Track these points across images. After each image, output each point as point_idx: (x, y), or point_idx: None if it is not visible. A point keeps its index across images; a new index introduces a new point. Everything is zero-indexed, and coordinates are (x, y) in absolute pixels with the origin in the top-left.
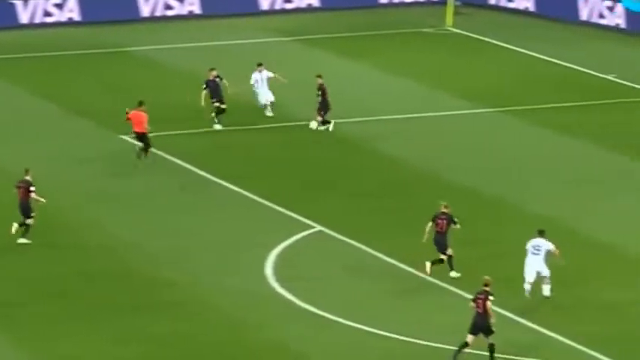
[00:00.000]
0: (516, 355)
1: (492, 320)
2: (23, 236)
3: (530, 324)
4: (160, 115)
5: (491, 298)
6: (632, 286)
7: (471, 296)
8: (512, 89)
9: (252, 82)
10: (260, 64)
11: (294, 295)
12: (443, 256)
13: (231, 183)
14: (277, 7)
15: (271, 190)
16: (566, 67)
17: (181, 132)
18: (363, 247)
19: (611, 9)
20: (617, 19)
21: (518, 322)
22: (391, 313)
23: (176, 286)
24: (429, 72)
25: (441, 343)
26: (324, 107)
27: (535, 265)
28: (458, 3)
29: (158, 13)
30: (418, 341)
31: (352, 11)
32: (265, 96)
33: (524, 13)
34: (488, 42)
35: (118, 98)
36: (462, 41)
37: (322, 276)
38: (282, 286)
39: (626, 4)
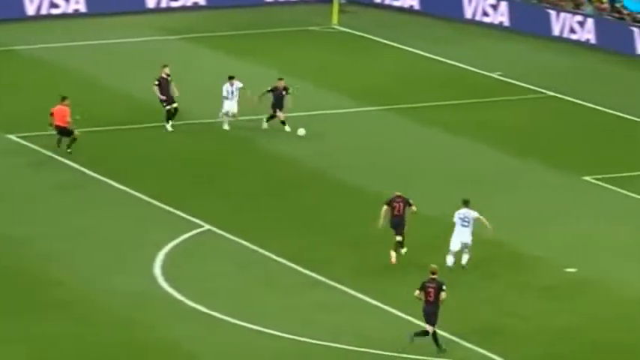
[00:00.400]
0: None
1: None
2: None
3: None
4: (47, 115)
5: (444, 288)
6: (521, 283)
7: (361, 295)
8: (397, 87)
9: (223, 93)
10: (232, 77)
11: (184, 294)
12: (400, 238)
13: (118, 182)
14: (163, 5)
15: (159, 190)
16: (451, 65)
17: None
18: (252, 246)
19: (494, 7)
20: (500, 17)
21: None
22: (280, 312)
23: (63, 286)
24: (315, 70)
25: (329, 342)
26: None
27: (463, 236)
28: (343, 1)
29: (44, 12)
30: (307, 340)
31: (238, 10)
32: (231, 108)
33: (410, 11)
34: (374, 40)
35: (4, 97)
36: (348, 39)
37: (212, 275)
38: (172, 285)
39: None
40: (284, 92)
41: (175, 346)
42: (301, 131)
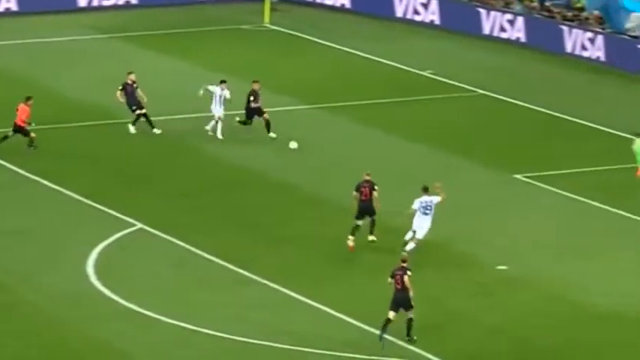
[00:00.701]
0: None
1: (411, 294)
2: None
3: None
4: None
5: (409, 273)
6: (454, 280)
7: (293, 293)
8: (329, 86)
9: (211, 89)
10: (223, 81)
11: (117, 293)
12: (360, 222)
13: (50, 181)
14: (95, 4)
15: (92, 189)
16: (383, 63)
17: None
18: (185, 245)
19: (425, 5)
20: (431, 15)
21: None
22: (213, 311)
23: None
24: (248, 69)
25: (261, 340)
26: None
27: (423, 224)
28: (275, 0)
29: None
30: (240, 338)
31: (171, 8)
32: (219, 113)
33: (341, 9)
34: (306, 38)
35: None
36: (280, 38)
37: (144, 274)
38: (104, 284)
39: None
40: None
41: (108, 345)
42: (293, 144)
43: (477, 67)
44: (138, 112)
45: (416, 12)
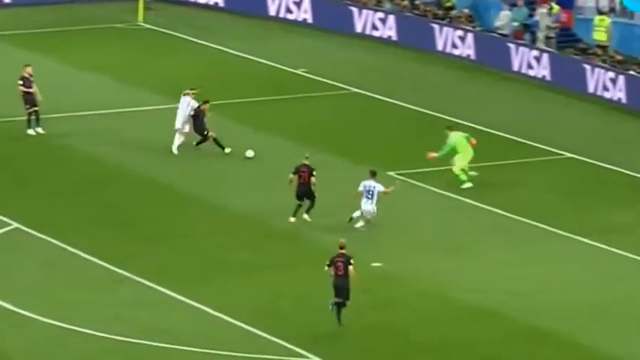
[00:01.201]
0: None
1: (351, 285)
2: None
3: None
4: None
5: (352, 262)
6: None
7: (169, 291)
8: (205, 84)
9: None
10: (192, 89)
11: None
12: (300, 203)
13: None
14: None
15: None
16: (257, 62)
17: None
18: (60, 244)
19: (298, 4)
20: (304, 13)
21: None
22: (89, 310)
23: None
24: (122, 67)
25: (139, 339)
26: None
27: (365, 207)
28: None
29: None
30: (116, 337)
31: (44, 7)
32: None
33: (214, 8)
34: (180, 37)
35: None
36: (154, 37)
37: (19, 273)
38: None
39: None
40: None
41: None
42: (249, 153)
43: (349, 65)
44: (30, 110)
45: (289, 10)
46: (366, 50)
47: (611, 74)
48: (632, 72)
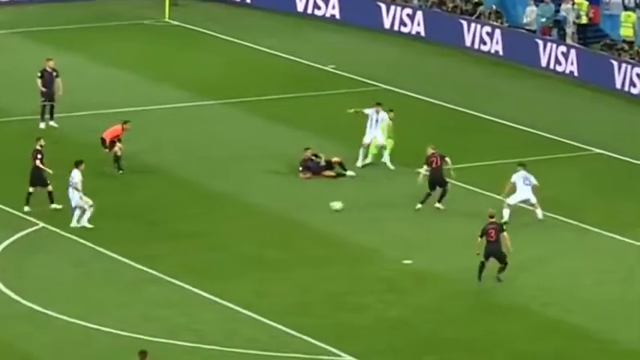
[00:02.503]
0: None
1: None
2: None
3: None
4: None
5: (505, 227)
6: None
7: (198, 290)
8: (233, 81)
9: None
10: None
11: (18, 293)
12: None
13: None
14: None
15: None
16: (285, 58)
17: None
18: (87, 243)
19: (326, 0)
20: (332, 10)
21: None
22: (117, 309)
23: None
24: (150, 64)
25: (167, 339)
26: None
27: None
28: None
29: None
30: (145, 337)
31: (72, 4)
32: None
33: (242, 4)
34: (207, 33)
35: None
36: (181, 33)
37: (46, 273)
38: (6, 284)
39: None
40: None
41: (9, 346)
42: (336, 205)
43: (378, 61)
44: (44, 103)
45: (317, 6)
46: (394, 46)
47: (638, 70)
48: None
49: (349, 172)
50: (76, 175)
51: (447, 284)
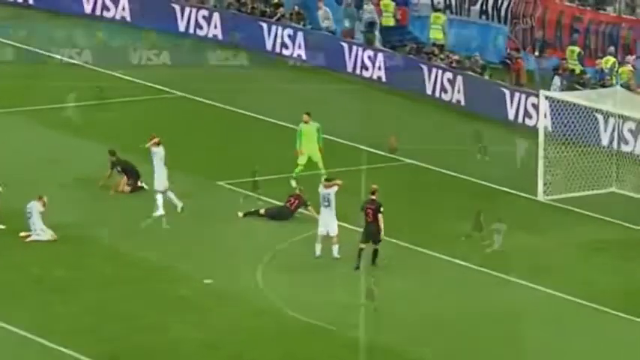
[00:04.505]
0: None
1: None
2: None
3: None
4: None
5: (381, 210)
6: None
7: None
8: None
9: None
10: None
11: None
12: None
13: None
14: None
15: None
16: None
17: None
18: None
19: (115, 1)
20: (122, 12)
21: None
22: None
23: None
24: None
25: None
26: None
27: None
28: None
29: None
30: None
31: None
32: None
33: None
34: None
35: None
36: None
37: None
38: None
39: None
40: None
41: None
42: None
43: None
44: None
45: (106, 8)
46: (192, 52)
47: (449, 75)
48: (469, 72)
49: (144, 185)
50: None
51: (247, 304)
